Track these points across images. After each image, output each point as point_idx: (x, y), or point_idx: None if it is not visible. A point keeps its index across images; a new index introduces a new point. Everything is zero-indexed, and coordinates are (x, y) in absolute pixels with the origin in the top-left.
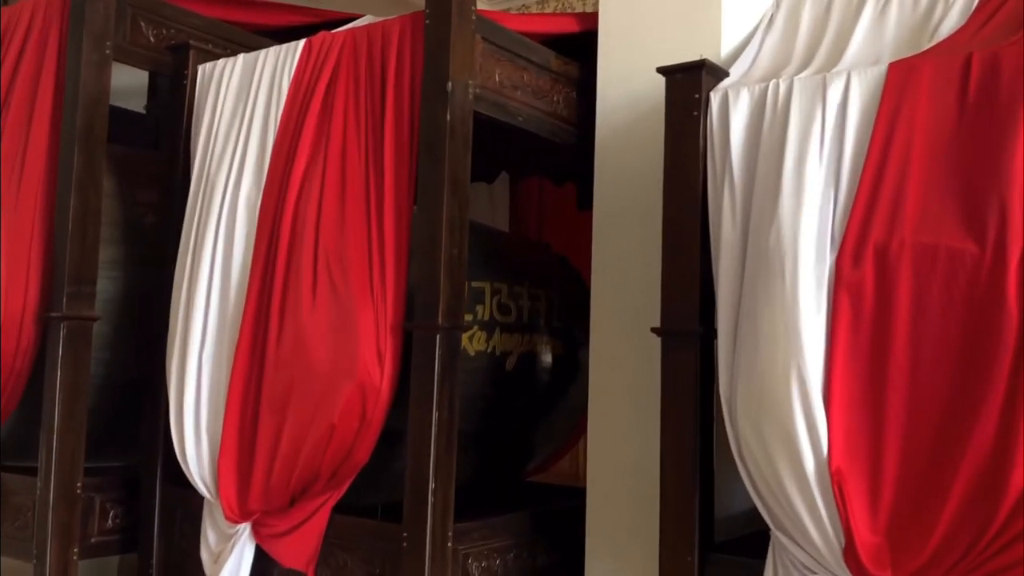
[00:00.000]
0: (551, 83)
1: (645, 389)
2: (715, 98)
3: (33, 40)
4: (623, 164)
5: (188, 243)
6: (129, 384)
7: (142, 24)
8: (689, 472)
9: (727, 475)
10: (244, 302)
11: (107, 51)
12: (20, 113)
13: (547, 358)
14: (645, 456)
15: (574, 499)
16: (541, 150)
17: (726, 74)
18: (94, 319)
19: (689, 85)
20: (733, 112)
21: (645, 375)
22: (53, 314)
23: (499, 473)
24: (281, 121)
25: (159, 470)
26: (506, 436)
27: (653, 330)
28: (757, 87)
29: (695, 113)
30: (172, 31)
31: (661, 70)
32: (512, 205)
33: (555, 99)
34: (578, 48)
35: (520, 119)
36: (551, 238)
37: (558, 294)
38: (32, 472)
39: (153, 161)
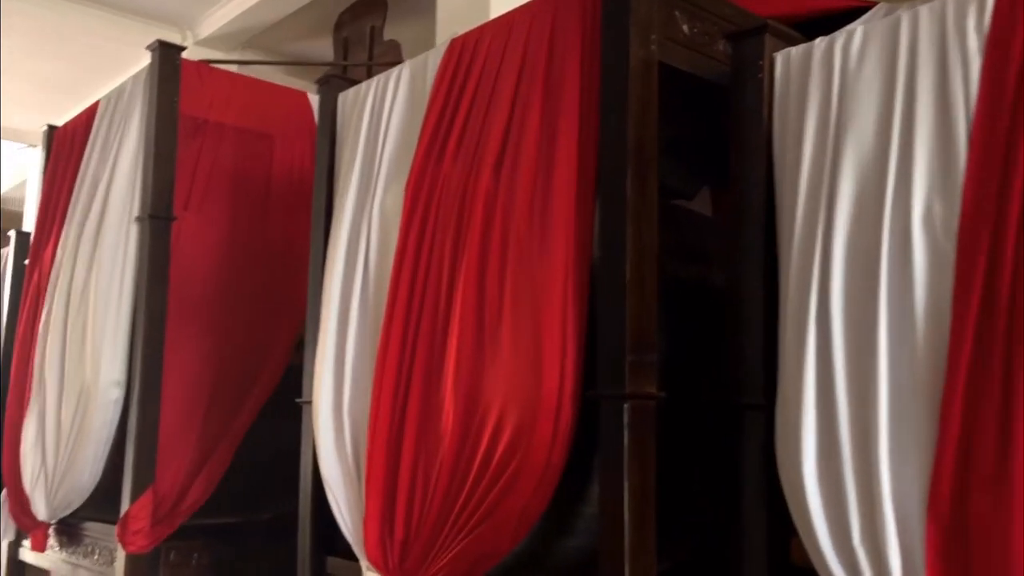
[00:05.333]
0: None
1: None
2: None
3: (536, 66)
4: None
5: (806, 295)
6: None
7: (676, 15)
8: None
9: None
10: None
11: (652, 47)
12: (529, 154)
13: None
14: None
15: None
16: None
17: None
18: (657, 397)
19: None
20: None
21: None
22: (608, 392)
23: None
24: (981, 95)
25: None
26: None
27: None
28: None
29: None
30: (706, 24)
31: None
32: None
33: None
34: None
35: None
36: None
37: None
38: None
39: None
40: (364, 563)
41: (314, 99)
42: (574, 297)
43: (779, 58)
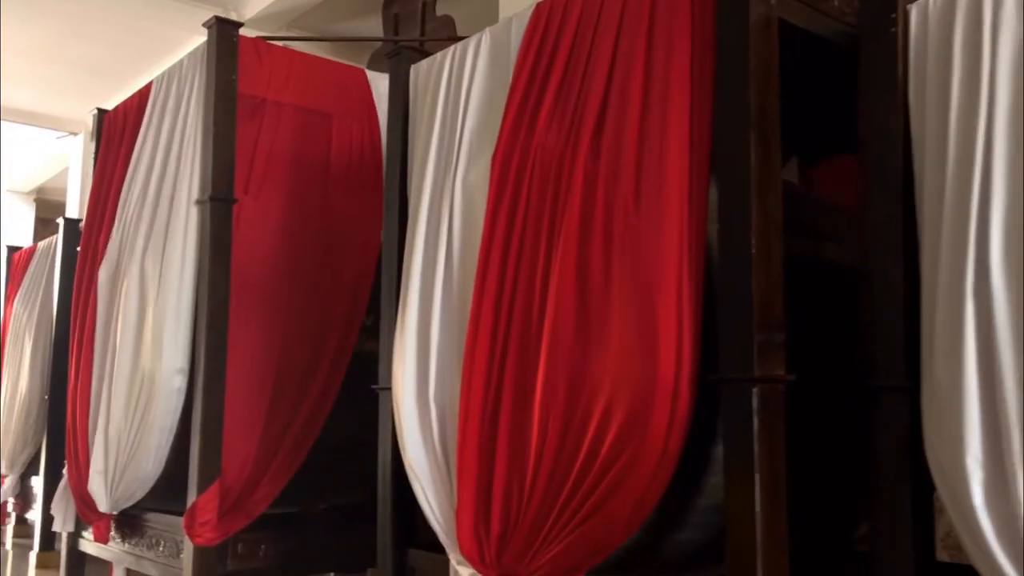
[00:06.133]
0: None
1: None
2: None
3: (638, 24)
4: None
5: (960, 268)
6: None
7: None
8: None
9: None
10: None
11: (772, 1)
12: (633, 122)
13: None
14: None
15: None
16: None
17: None
18: (787, 380)
19: None
20: None
21: None
22: (734, 376)
23: None
24: None
25: None
26: None
27: None
28: None
29: None
30: None
31: None
32: None
33: None
34: None
35: None
36: None
37: None
38: None
39: None
40: (455, 557)
41: (372, 76)
42: (689, 275)
43: (914, 10)
